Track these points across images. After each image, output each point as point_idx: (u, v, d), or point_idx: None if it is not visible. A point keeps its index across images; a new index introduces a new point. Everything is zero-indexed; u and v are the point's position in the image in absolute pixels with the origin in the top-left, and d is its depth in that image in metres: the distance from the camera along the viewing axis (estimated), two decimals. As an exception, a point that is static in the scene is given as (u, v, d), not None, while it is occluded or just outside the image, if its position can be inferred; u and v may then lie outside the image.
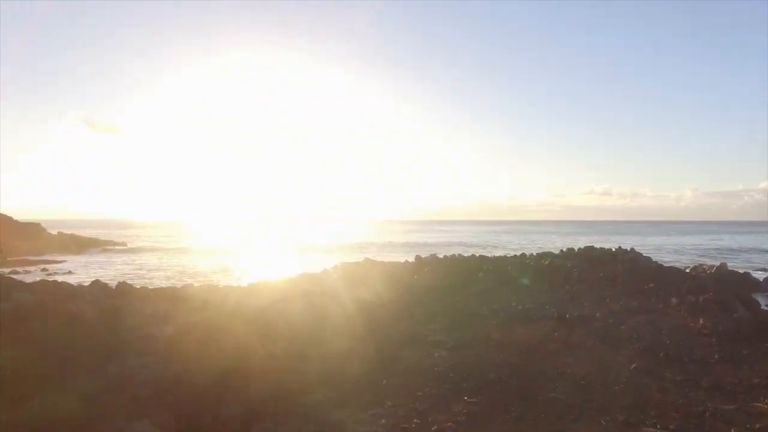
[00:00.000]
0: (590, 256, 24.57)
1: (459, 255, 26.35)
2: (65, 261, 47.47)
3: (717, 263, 26.41)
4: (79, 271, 39.73)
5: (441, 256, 26.73)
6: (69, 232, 66.25)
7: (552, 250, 29.12)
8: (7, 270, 38.41)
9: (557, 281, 17.46)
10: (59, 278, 35.05)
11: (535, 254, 26.37)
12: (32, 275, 36.29)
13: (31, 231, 62.19)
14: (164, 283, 32.18)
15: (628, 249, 27.68)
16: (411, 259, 25.18)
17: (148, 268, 41.36)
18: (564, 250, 26.63)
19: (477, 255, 26.10)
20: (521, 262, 22.38)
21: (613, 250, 26.72)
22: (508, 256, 27.00)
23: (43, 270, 38.50)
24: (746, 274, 24.16)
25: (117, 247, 64.58)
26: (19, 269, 38.92)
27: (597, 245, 28.74)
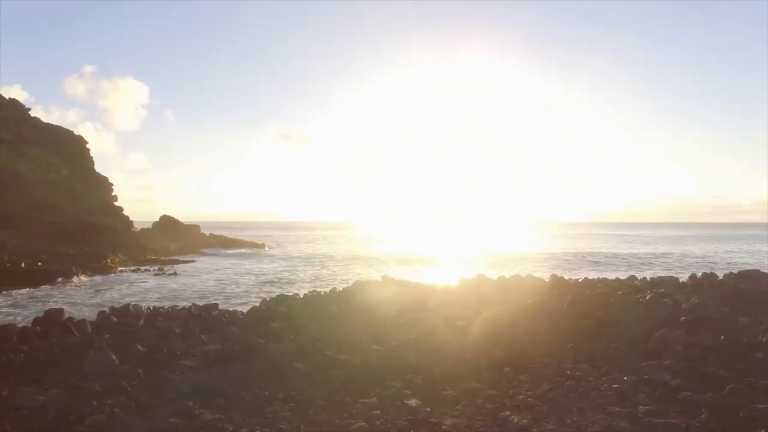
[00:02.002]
0: (742, 291, 14.71)
1: (529, 275, 18.81)
2: (194, 261, 51.20)
3: None
4: (189, 271, 41.74)
5: (499, 276, 19.61)
6: (219, 234, 73.12)
7: (731, 270, 19.29)
8: (130, 268, 42.36)
9: (639, 348, 9.56)
10: (167, 279, 36.92)
11: (648, 279, 17.36)
12: (142, 274, 39.05)
13: (188, 232, 70.02)
14: (235, 291, 31.04)
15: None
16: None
17: (247, 274, 41.64)
18: (699, 275, 16.93)
19: (551, 277, 18.19)
20: (605, 295, 14.23)
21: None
22: (610, 278, 18.39)
23: (159, 269, 41.18)
24: None
25: (252, 250, 68.57)
26: (142, 267, 42.53)
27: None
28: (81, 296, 27.12)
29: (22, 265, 35.08)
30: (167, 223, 70.90)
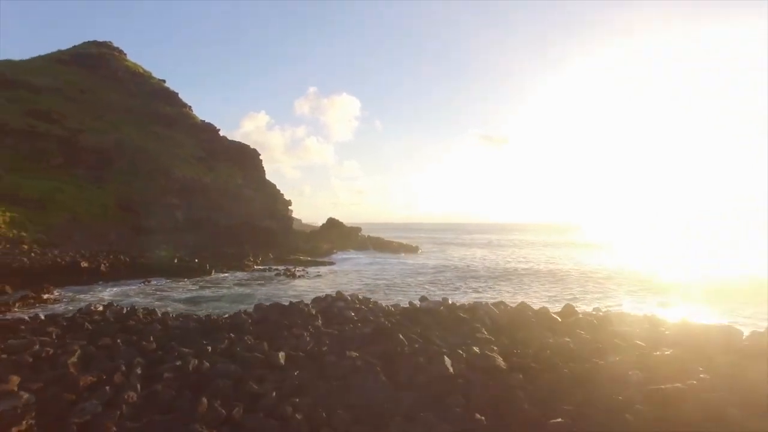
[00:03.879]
0: None
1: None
2: (332, 263, 53.52)
3: None
4: (312, 272, 43.65)
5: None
6: (375, 236, 75.59)
7: None
8: (265, 266, 46.44)
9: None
10: (281, 279, 39.46)
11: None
12: (269, 273, 42.27)
13: (346, 233, 74.24)
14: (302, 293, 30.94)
15: None
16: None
17: (366, 279, 41.60)
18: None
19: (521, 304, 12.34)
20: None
21: None
22: (660, 318, 11.57)
23: (286, 270, 44.08)
24: None
25: (400, 254, 68.43)
26: (274, 267, 46.26)
27: None
28: (173, 291, 30.51)
29: (175, 260, 41.57)
30: (332, 224, 76.63)
